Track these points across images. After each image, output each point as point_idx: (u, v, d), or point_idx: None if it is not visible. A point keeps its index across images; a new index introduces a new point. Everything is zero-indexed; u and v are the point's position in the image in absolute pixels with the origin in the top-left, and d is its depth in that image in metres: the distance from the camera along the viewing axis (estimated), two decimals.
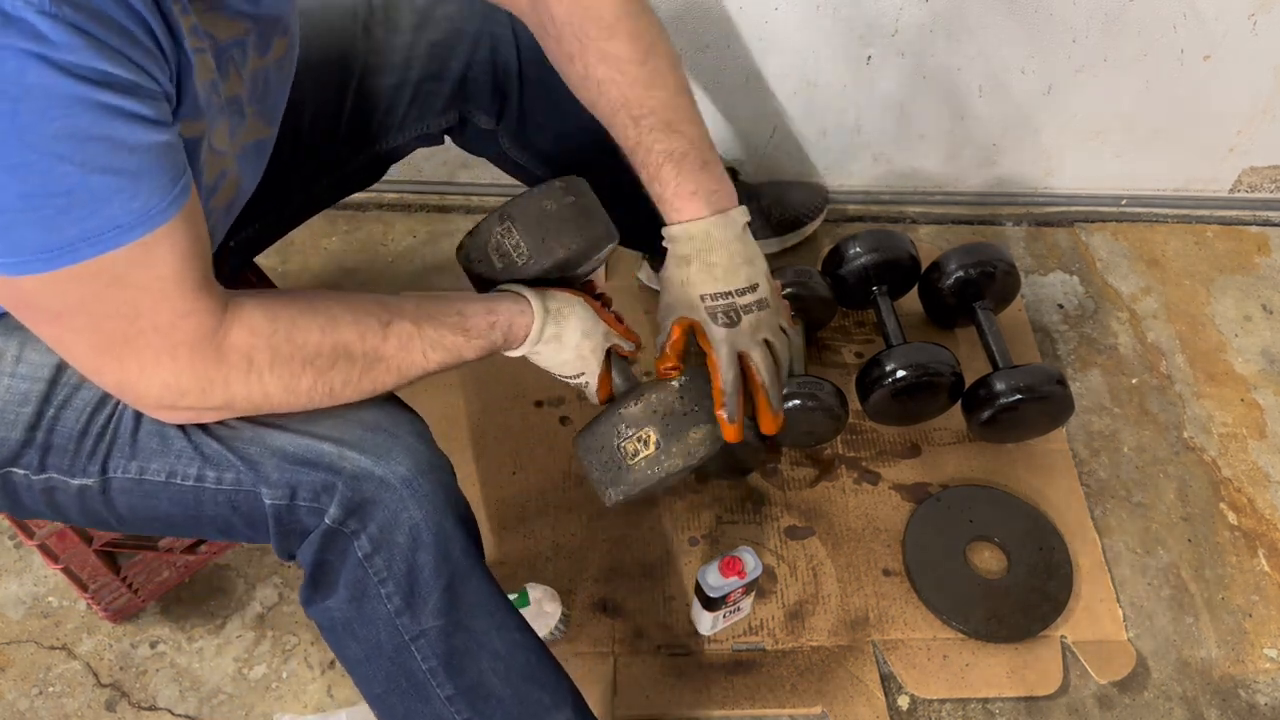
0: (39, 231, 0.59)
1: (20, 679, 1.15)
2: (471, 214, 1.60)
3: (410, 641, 0.82)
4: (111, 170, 0.60)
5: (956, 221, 1.66)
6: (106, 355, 0.68)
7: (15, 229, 0.59)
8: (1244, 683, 1.20)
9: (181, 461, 0.79)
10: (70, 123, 0.57)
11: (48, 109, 0.56)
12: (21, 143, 0.56)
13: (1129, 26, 1.41)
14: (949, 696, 1.17)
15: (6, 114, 0.55)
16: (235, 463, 0.78)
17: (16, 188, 0.57)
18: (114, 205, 0.61)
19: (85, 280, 0.62)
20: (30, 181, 0.58)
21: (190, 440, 0.79)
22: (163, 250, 0.64)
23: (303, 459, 0.78)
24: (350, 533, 0.79)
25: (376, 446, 0.79)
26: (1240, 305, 1.57)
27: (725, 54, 1.42)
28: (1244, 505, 1.35)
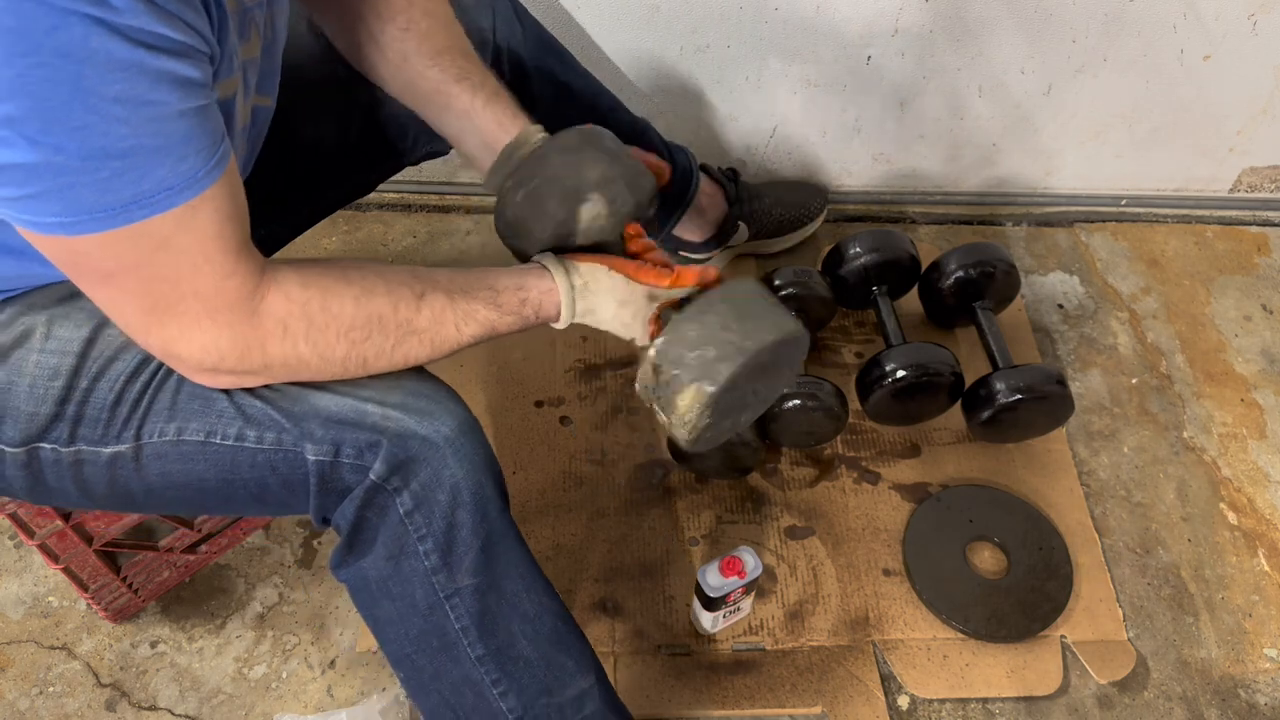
0: (96, 192, 0.61)
1: (20, 679, 1.15)
2: (471, 214, 1.60)
3: (445, 599, 0.83)
4: (164, 134, 0.62)
5: (956, 221, 1.66)
6: (153, 317, 0.69)
7: (74, 189, 0.60)
8: (1244, 683, 1.21)
9: (223, 421, 0.79)
10: (128, 87, 0.59)
11: (109, 73, 0.58)
12: (85, 105, 0.58)
13: (1129, 27, 1.41)
14: (949, 696, 1.17)
15: (72, 77, 0.57)
16: (279, 420, 0.79)
17: (77, 148, 0.59)
18: (165, 168, 0.62)
19: (136, 241, 0.64)
20: (91, 143, 0.59)
21: (234, 401, 0.79)
22: (206, 213, 0.66)
23: (347, 419, 0.79)
24: (393, 489, 0.79)
25: (420, 408, 0.80)
26: (1240, 305, 1.57)
27: (725, 54, 1.42)
28: (1244, 505, 1.35)
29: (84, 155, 0.59)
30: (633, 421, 1.37)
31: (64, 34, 0.56)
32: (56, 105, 0.57)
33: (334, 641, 1.19)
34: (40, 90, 0.57)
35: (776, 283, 1.37)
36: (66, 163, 0.59)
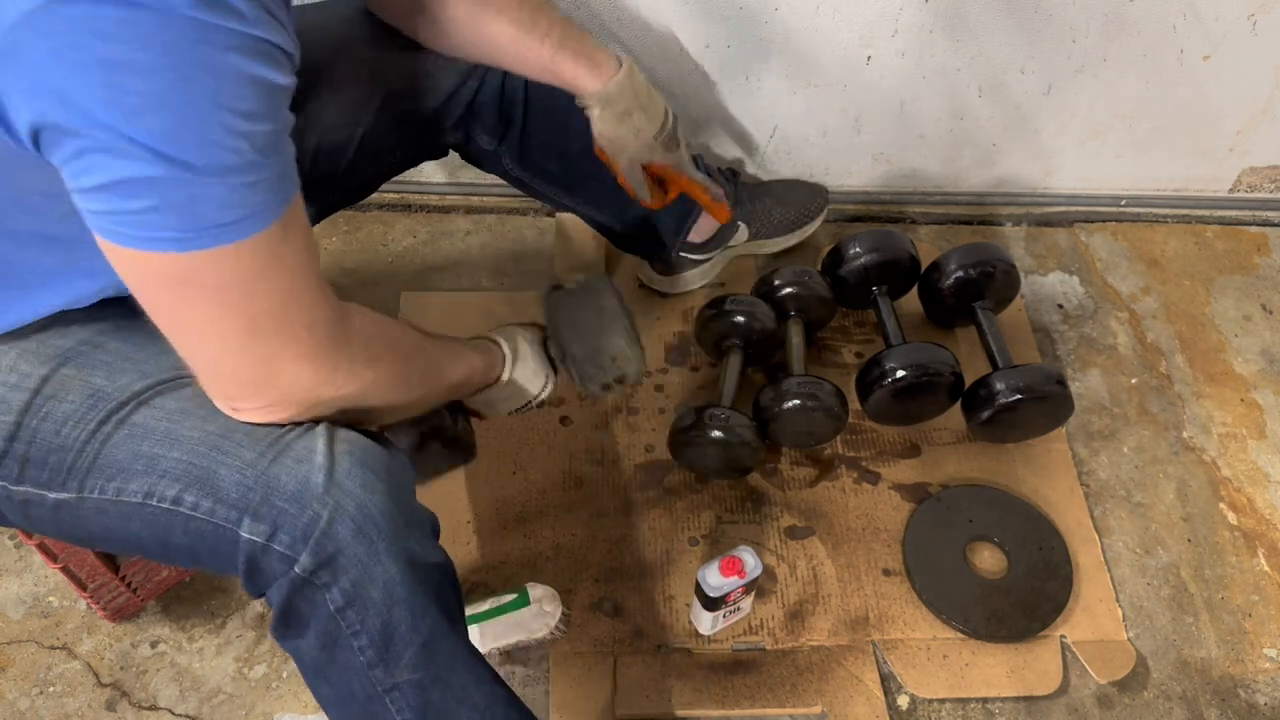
0: (216, 208, 0.61)
1: (21, 679, 1.15)
2: (471, 214, 1.60)
3: (384, 694, 0.81)
4: (268, 149, 0.63)
5: (956, 221, 1.66)
6: (258, 334, 0.69)
7: (195, 204, 0.61)
8: (1244, 682, 1.21)
9: (163, 482, 0.77)
10: (253, 103, 0.60)
11: (239, 87, 0.59)
12: (218, 120, 0.59)
13: (1129, 27, 1.41)
14: (949, 696, 1.17)
15: (211, 91, 0.58)
16: (220, 488, 0.76)
17: (206, 164, 0.59)
18: (272, 183, 0.64)
19: (248, 256, 0.64)
20: (218, 158, 0.60)
21: (184, 453, 0.77)
22: (297, 228, 0.67)
23: (289, 493, 0.75)
24: (321, 584, 0.76)
25: (358, 489, 0.76)
26: (1240, 305, 1.57)
27: (725, 54, 1.42)
28: (1244, 505, 1.35)
29: (211, 171, 0.60)
30: (633, 421, 1.37)
31: (207, 48, 0.57)
32: (194, 119, 0.58)
33: None
34: (180, 103, 0.57)
35: (776, 282, 1.37)
36: (194, 178, 0.59)
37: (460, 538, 1.25)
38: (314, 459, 0.75)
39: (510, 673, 1.17)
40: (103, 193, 0.60)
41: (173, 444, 0.77)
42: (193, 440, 0.76)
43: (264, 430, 0.76)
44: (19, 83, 0.57)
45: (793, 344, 1.36)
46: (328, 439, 0.77)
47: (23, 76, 0.57)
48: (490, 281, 1.52)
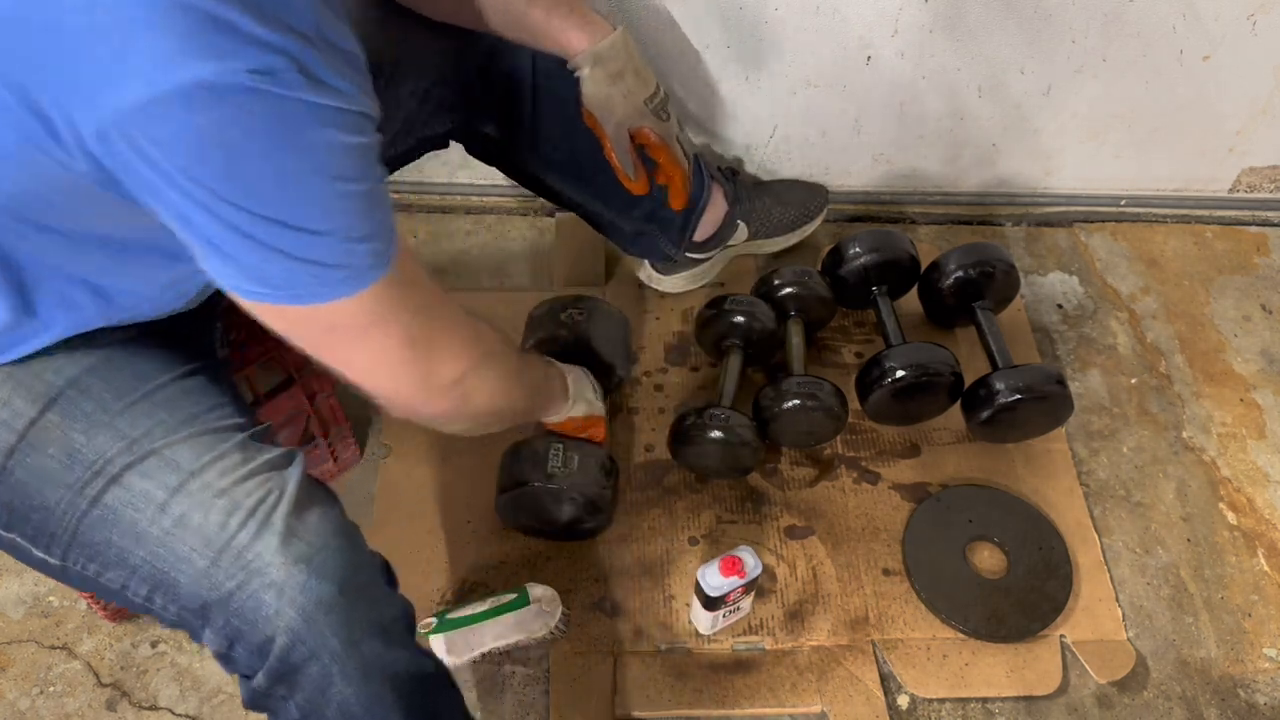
0: (341, 262, 0.67)
1: (21, 678, 1.15)
2: (471, 214, 1.60)
3: None
4: (373, 202, 0.68)
5: (956, 221, 1.67)
6: (414, 351, 0.77)
7: (322, 264, 0.66)
8: (1243, 682, 1.21)
9: (135, 579, 0.78)
10: (356, 169, 0.65)
11: (346, 161, 0.64)
12: (331, 190, 0.64)
13: (1128, 27, 1.41)
14: (948, 696, 1.17)
15: (320, 168, 0.63)
16: (181, 596, 0.77)
17: (325, 230, 0.65)
18: (380, 227, 0.69)
19: (382, 292, 0.70)
20: (334, 223, 0.65)
21: (147, 553, 0.77)
22: (407, 253, 0.74)
23: (241, 611, 0.75)
24: (279, 697, 0.78)
25: (311, 607, 0.75)
26: (1239, 305, 1.57)
27: (725, 54, 1.42)
28: (1243, 505, 1.35)
29: (334, 232, 0.65)
30: (633, 422, 1.37)
31: (315, 132, 0.61)
32: (305, 191, 0.63)
33: None
34: (291, 179, 0.62)
35: (776, 282, 1.37)
36: (319, 239, 0.65)
37: (460, 537, 1.26)
38: (267, 573, 0.75)
39: (510, 672, 1.17)
40: (217, 258, 0.65)
41: (137, 540, 0.77)
42: (152, 539, 0.77)
43: (214, 529, 0.76)
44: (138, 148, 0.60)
45: (793, 344, 1.36)
46: (281, 542, 0.75)
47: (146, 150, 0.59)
48: (490, 281, 1.52)
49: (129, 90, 0.56)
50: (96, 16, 0.55)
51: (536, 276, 1.53)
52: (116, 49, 0.55)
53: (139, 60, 0.55)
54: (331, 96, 0.61)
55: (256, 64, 0.57)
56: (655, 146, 1.13)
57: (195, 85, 0.56)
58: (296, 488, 0.79)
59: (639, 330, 1.46)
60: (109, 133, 0.58)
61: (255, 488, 0.78)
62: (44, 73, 0.58)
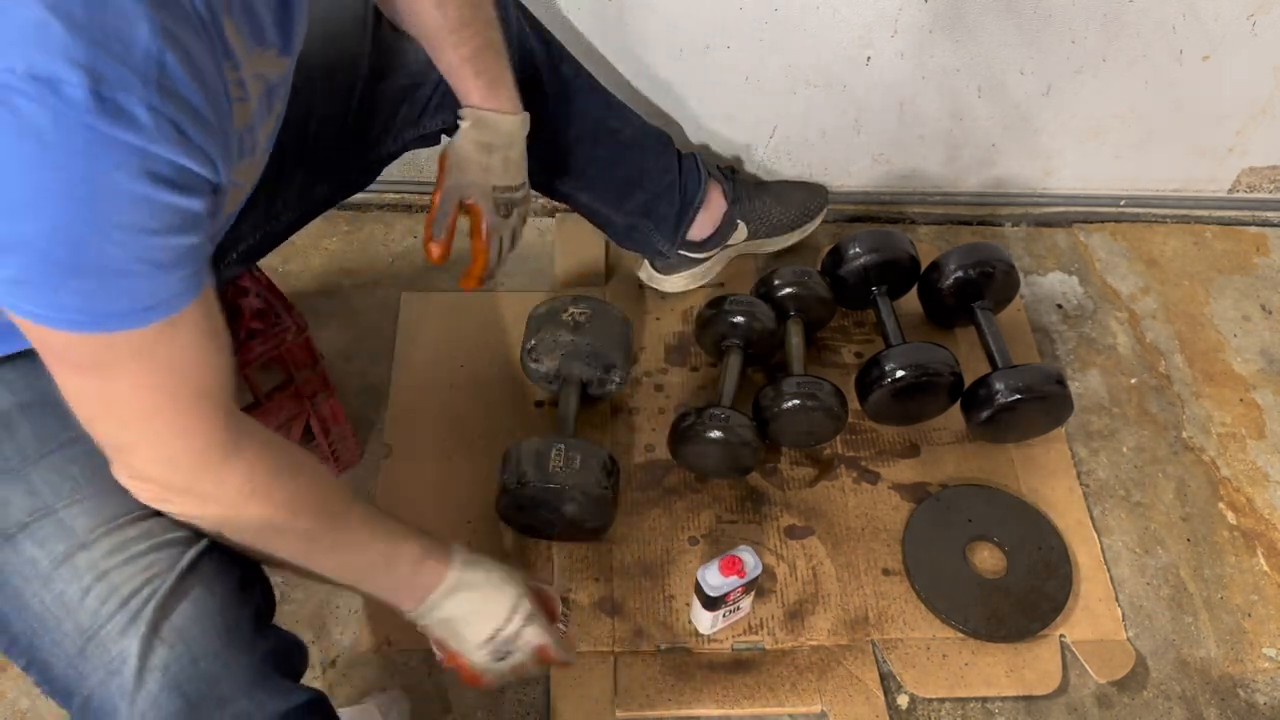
0: (77, 298, 0.61)
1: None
2: None
3: None
4: (154, 262, 0.62)
5: (956, 222, 1.67)
6: (112, 416, 0.69)
7: (59, 291, 0.61)
8: (1243, 682, 1.21)
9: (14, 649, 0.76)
10: (138, 218, 0.60)
11: (124, 205, 0.59)
12: (91, 223, 0.59)
13: (1128, 27, 1.41)
14: (948, 696, 1.17)
15: (85, 198, 0.57)
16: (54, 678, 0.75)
17: (68, 257, 0.59)
18: (148, 290, 0.63)
19: (111, 348, 0.64)
20: (83, 255, 0.60)
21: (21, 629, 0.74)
22: (185, 331, 0.66)
23: (99, 709, 0.72)
24: None
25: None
26: (1239, 305, 1.57)
27: (725, 54, 1.42)
28: (1243, 505, 1.35)
29: (73, 264, 0.60)
30: (633, 422, 1.37)
31: (97, 161, 0.56)
32: (66, 219, 0.58)
33: (334, 641, 1.19)
34: (54, 203, 0.57)
35: (776, 282, 1.38)
36: (56, 265, 0.59)
37: (460, 537, 1.25)
38: (122, 674, 0.71)
39: None
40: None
41: (20, 610, 0.74)
42: (32, 612, 0.74)
43: (88, 615, 0.73)
44: None
45: (792, 344, 1.36)
46: (144, 646, 0.71)
47: None
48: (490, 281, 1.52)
49: None
50: None
51: (536, 276, 1.53)
52: None
53: None
54: (131, 131, 0.56)
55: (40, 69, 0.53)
56: (476, 230, 1.12)
57: None
58: (180, 573, 0.74)
59: (639, 330, 1.46)
60: None
61: (139, 571, 0.74)
62: None
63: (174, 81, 0.58)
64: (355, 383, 1.38)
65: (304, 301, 1.46)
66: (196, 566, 0.76)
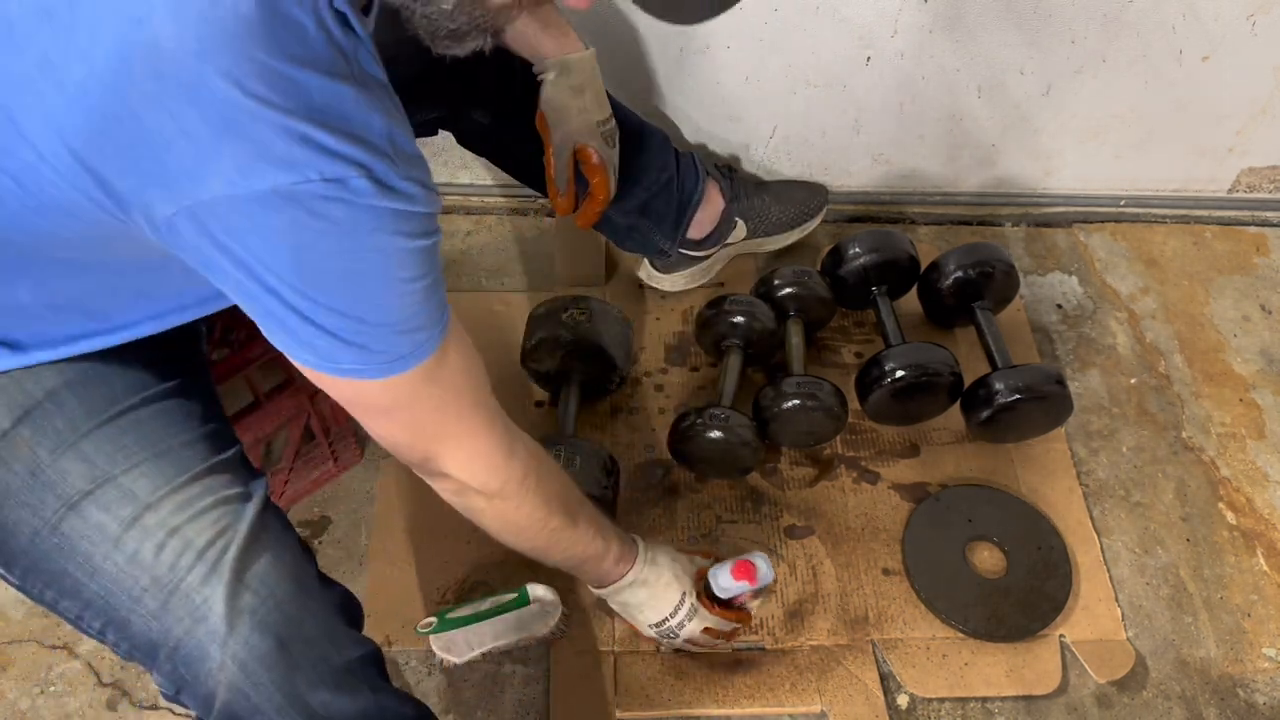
0: (383, 350, 0.71)
1: (21, 678, 1.15)
2: (471, 214, 1.60)
3: None
4: (428, 299, 0.72)
5: (956, 222, 1.67)
6: (422, 439, 0.81)
7: (367, 349, 0.70)
8: (1243, 682, 1.21)
9: (90, 612, 0.78)
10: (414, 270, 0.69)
11: (405, 261, 0.68)
12: (386, 289, 0.69)
13: (1128, 27, 1.41)
14: (948, 695, 1.17)
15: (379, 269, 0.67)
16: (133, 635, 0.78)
17: (374, 321, 0.69)
18: (428, 323, 0.73)
19: (411, 382, 0.74)
20: (387, 316, 0.70)
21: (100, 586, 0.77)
22: (455, 346, 0.77)
23: (187, 658, 0.76)
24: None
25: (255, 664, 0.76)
26: (1239, 305, 1.57)
27: (725, 54, 1.42)
28: (1243, 505, 1.35)
29: (381, 324, 0.70)
30: (633, 422, 1.37)
31: (381, 233, 0.65)
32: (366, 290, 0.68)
33: None
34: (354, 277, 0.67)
35: (776, 282, 1.38)
36: (367, 329, 0.69)
37: (460, 537, 1.26)
38: (209, 621, 0.75)
39: (510, 672, 1.17)
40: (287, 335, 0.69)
41: (92, 574, 0.77)
42: (106, 574, 0.77)
43: (165, 569, 0.76)
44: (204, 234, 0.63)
45: (792, 344, 1.36)
46: (228, 590, 0.76)
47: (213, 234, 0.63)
48: (490, 281, 1.52)
49: (209, 186, 0.60)
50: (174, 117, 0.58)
51: (536, 276, 1.53)
52: (200, 150, 0.59)
53: (221, 163, 0.59)
54: (399, 201, 0.65)
55: (329, 173, 0.61)
56: (594, 167, 1.15)
57: (272, 191, 0.60)
58: (251, 526, 0.79)
59: (639, 330, 1.46)
60: (182, 216, 0.62)
61: (208, 525, 0.78)
62: (123, 160, 0.61)
63: (404, 145, 0.66)
64: None
65: None
66: (264, 521, 0.81)
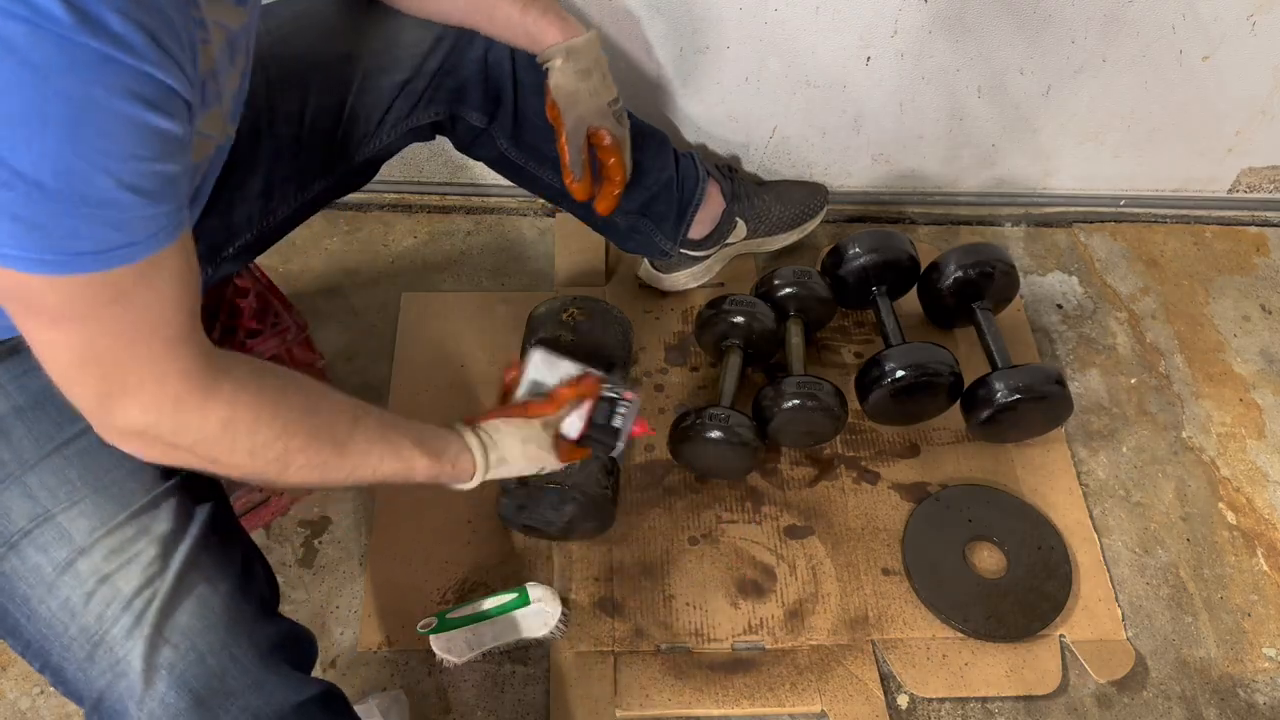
0: (62, 237, 0.59)
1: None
2: (472, 214, 1.60)
3: None
4: (138, 190, 0.60)
5: (956, 222, 1.67)
6: (92, 369, 0.66)
7: (40, 229, 0.58)
8: (1243, 682, 1.21)
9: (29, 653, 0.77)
10: (122, 142, 0.58)
11: (107, 124, 0.57)
12: (74, 150, 0.56)
13: (1128, 27, 1.41)
14: (948, 695, 1.17)
15: (69, 120, 0.55)
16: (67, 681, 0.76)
17: (54, 190, 0.57)
18: (132, 223, 0.61)
19: (91, 290, 0.62)
20: (71, 186, 0.57)
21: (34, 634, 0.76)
22: (165, 272, 0.65)
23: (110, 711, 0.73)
24: None
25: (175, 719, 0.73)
26: (1239, 305, 1.57)
27: (725, 54, 1.42)
28: (1243, 505, 1.35)
29: (59, 197, 0.57)
30: None
31: (75, 75, 0.54)
32: (51, 145, 0.55)
33: (334, 641, 1.19)
34: (40, 126, 0.55)
35: (776, 282, 1.38)
36: (39, 202, 0.57)
37: (460, 537, 1.26)
38: (128, 677, 0.73)
39: (510, 672, 1.17)
40: None
41: (29, 616, 0.76)
42: (41, 619, 0.75)
43: (93, 619, 0.74)
44: None
45: (792, 344, 1.36)
46: (148, 645, 0.73)
47: None
48: (490, 281, 1.52)
49: None
50: None
51: (536, 276, 1.53)
52: None
53: None
54: (111, 45, 0.54)
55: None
56: (608, 148, 1.13)
57: None
58: (181, 567, 0.76)
59: (639, 330, 1.46)
60: None
61: (138, 572, 0.75)
62: None
63: None
64: (355, 382, 1.38)
65: (304, 301, 1.46)
66: (196, 561, 0.76)
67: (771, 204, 1.49)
